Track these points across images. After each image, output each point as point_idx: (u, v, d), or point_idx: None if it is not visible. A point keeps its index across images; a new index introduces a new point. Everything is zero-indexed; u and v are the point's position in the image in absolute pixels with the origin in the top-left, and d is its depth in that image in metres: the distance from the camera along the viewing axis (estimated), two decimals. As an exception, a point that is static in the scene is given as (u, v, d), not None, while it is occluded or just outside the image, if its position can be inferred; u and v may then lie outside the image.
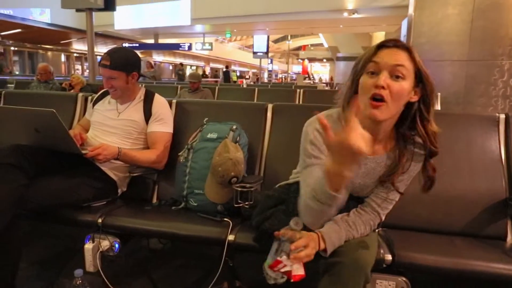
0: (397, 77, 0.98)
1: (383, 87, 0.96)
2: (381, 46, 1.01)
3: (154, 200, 1.90)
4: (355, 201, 1.19)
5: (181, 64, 12.93)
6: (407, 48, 1.00)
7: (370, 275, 1.03)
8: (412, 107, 1.04)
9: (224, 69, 18.84)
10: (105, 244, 1.52)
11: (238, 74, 28.96)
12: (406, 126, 1.07)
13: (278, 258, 1.03)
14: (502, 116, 1.70)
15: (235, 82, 17.43)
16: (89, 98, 2.17)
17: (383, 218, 1.19)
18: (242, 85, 8.88)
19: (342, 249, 1.05)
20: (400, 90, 0.98)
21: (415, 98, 1.03)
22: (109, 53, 1.81)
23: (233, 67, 36.73)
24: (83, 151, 1.60)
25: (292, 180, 1.34)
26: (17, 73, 16.84)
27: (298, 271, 1.03)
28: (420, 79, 1.01)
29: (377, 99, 0.98)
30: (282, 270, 1.03)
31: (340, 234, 1.08)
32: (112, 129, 1.85)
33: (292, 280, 1.04)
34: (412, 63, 1.00)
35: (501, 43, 5.02)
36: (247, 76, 33.33)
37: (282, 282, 1.07)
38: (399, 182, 1.12)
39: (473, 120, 1.76)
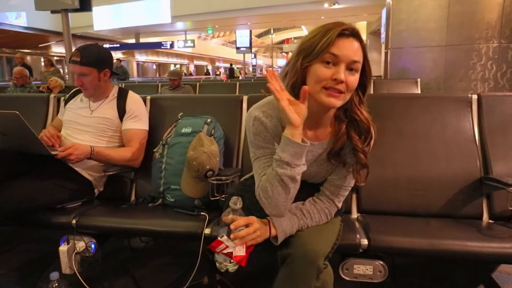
0: (352, 69, 0.99)
1: (341, 81, 0.97)
2: (339, 34, 0.97)
3: (132, 198, 1.87)
4: (310, 189, 1.19)
5: (119, 60, 10.90)
6: (360, 38, 0.99)
7: (324, 265, 1.03)
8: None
9: (229, 66, 19.13)
10: (80, 245, 1.48)
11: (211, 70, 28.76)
12: (343, 108, 1.07)
13: (219, 238, 1.04)
14: (475, 96, 1.73)
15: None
16: (62, 98, 2.12)
17: (339, 205, 1.19)
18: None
19: (295, 240, 1.05)
20: (354, 82, 1.00)
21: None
22: (79, 49, 1.76)
23: (217, 64, 36.60)
24: (53, 152, 1.55)
25: (248, 175, 1.34)
26: (-4, 79, 16.46)
27: (239, 252, 1.03)
28: (363, 67, 1.02)
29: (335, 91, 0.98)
30: (225, 251, 1.03)
31: (293, 221, 1.08)
32: (85, 127, 1.81)
33: (233, 261, 1.04)
34: (362, 53, 1.00)
35: (478, 27, 5.09)
36: (217, 72, 32.75)
37: (233, 269, 1.06)
38: (345, 155, 1.11)
39: (447, 102, 1.77)
